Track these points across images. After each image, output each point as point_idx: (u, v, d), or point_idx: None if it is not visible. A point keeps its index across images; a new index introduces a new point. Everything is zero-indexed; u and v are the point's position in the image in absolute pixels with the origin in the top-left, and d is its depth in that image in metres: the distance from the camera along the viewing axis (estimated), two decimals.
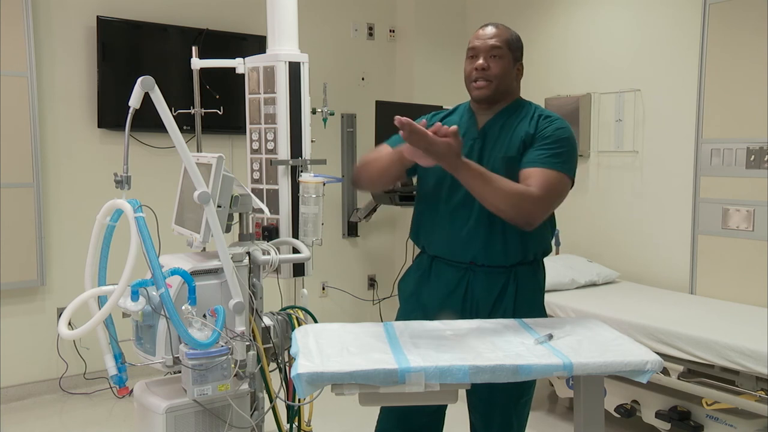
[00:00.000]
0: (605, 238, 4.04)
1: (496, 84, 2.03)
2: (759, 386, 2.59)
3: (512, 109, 2.09)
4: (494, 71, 2.03)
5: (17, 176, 3.62)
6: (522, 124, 2.05)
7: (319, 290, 4.78)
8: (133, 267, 2.01)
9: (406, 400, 1.65)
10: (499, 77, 2.03)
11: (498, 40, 2.03)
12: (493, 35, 2.04)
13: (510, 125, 2.06)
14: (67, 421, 3.52)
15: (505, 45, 2.04)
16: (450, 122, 2.15)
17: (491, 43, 2.03)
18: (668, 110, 3.73)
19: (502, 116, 2.08)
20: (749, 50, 3.33)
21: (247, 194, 2.40)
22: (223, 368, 2.13)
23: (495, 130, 2.07)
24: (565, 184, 1.97)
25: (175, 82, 3.90)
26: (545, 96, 4.25)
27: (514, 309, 2.05)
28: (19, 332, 3.73)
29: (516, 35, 2.09)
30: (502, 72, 2.03)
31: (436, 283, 2.11)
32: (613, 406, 3.14)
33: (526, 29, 4.52)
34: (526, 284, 2.08)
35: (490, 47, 2.03)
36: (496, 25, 2.09)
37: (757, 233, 3.31)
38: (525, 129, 2.03)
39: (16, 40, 3.57)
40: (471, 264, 2.06)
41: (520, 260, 2.06)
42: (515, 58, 2.07)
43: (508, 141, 2.03)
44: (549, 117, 2.05)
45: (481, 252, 2.03)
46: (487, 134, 2.07)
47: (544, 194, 1.90)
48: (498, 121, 2.08)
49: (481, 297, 2.05)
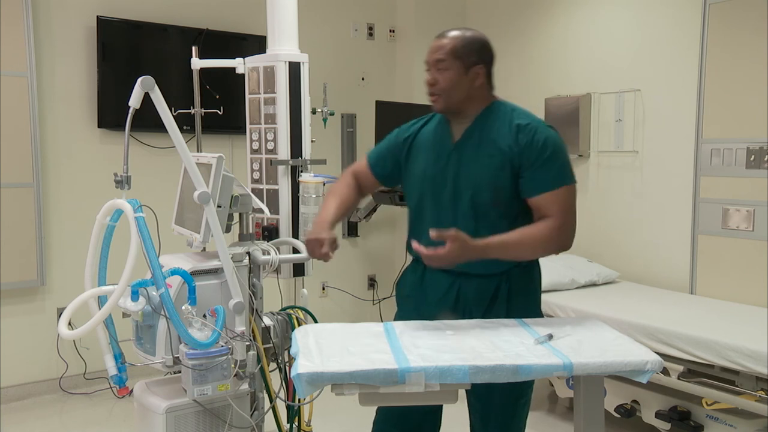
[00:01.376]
0: (605, 238, 4.04)
1: (446, 97, 2.02)
2: (759, 386, 2.59)
3: (486, 116, 2.04)
4: (441, 85, 2.01)
5: (17, 176, 3.62)
6: (501, 136, 1.99)
7: (319, 290, 4.78)
8: (133, 267, 2.01)
9: (406, 400, 1.65)
10: (447, 90, 2.01)
11: (441, 53, 2.00)
12: (437, 48, 2.02)
13: (487, 136, 2.01)
14: (67, 421, 3.52)
15: (450, 56, 1.99)
16: (425, 133, 2.15)
17: (435, 57, 2.02)
18: (668, 110, 3.73)
19: (477, 126, 2.04)
20: (749, 50, 3.33)
21: (247, 194, 2.40)
22: (223, 368, 2.13)
23: (472, 142, 2.03)
24: (574, 192, 2.00)
25: (175, 82, 3.90)
26: (545, 96, 4.25)
27: (507, 312, 2.04)
28: (19, 332, 3.73)
29: (470, 38, 2.01)
30: (450, 84, 2.00)
31: (428, 290, 2.10)
32: (613, 406, 3.14)
33: (526, 29, 4.52)
34: (519, 286, 2.06)
35: (435, 61, 2.02)
36: (445, 34, 2.03)
37: (757, 233, 3.31)
38: (506, 142, 1.98)
39: (16, 40, 3.57)
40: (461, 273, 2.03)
41: (514, 264, 2.04)
42: (467, 64, 2.00)
43: (488, 154, 1.99)
44: (527, 126, 1.98)
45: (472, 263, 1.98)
46: (464, 147, 2.04)
47: (564, 218, 1.96)
48: (474, 132, 2.04)
49: (473, 303, 2.04)
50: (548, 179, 1.95)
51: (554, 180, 1.96)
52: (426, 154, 2.10)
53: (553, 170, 1.96)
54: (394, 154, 2.19)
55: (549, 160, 1.95)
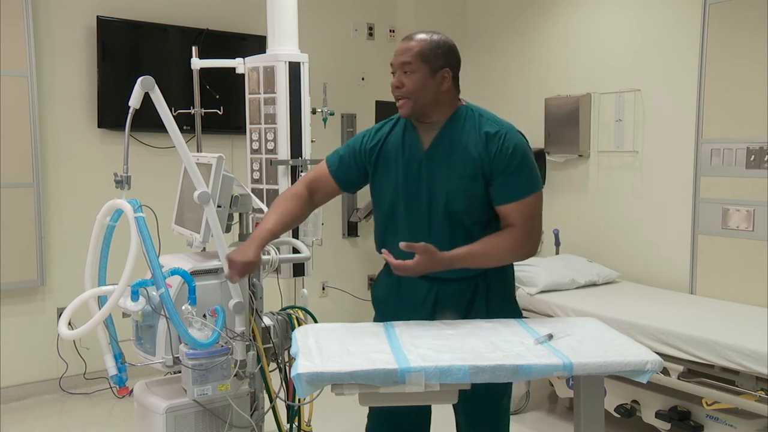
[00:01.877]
0: (605, 238, 4.04)
1: (413, 101, 1.97)
2: (759, 386, 2.59)
3: (453, 122, 2.01)
4: (408, 87, 1.97)
5: (17, 176, 3.62)
6: (471, 144, 1.97)
7: (319, 290, 4.78)
8: (133, 267, 2.01)
9: (406, 400, 1.65)
10: (414, 93, 1.96)
11: (408, 55, 1.96)
12: (404, 51, 1.97)
13: (457, 144, 1.99)
14: (67, 421, 3.52)
15: (417, 58, 1.95)
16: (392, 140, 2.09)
17: (401, 59, 1.97)
18: (668, 110, 3.73)
19: (446, 134, 2.01)
20: (749, 50, 3.33)
21: (247, 194, 2.40)
22: (223, 368, 2.13)
23: (442, 150, 2.00)
24: (540, 199, 2.02)
25: (175, 82, 3.90)
26: (545, 96, 4.25)
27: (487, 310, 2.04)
28: (19, 332, 3.73)
29: (437, 42, 1.97)
30: (416, 87, 1.96)
31: (405, 295, 2.08)
32: (613, 406, 3.13)
33: (526, 29, 4.52)
34: (497, 288, 2.07)
35: (401, 64, 1.98)
36: (411, 37, 2.00)
37: (757, 233, 3.31)
38: (477, 150, 1.96)
39: (16, 40, 3.57)
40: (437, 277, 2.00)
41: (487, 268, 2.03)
42: (434, 68, 1.96)
43: (460, 163, 1.97)
44: (496, 134, 1.96)
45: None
46: (435, 156, 2.01)
47: (529, 226, 1.98)
48: (443, 139, 2.01)
49: (451, 307, 2.03)
50: (516, 188, 1.96)
51: (521, 189, 1.97)
52: (396, 163, 2.06)
53: (521, 179, 1.96)
54: (358, 162, 2.13)
55: (517, 169, 1.95)
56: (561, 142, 4.15)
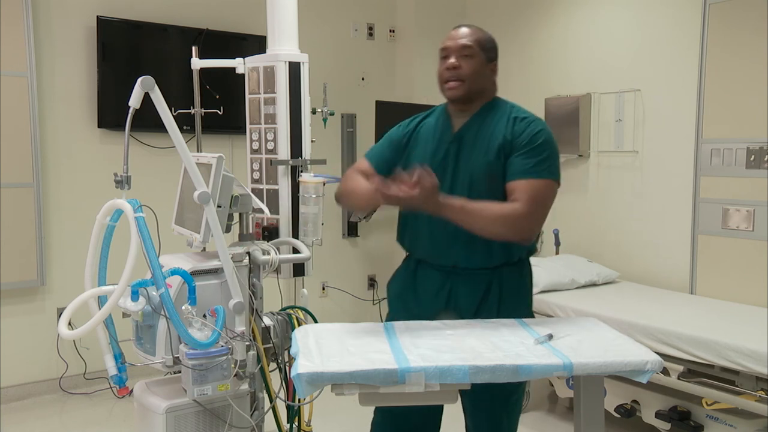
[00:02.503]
0: (605, 238, 4.05)
1: (468, 83, 2.03)
2: (759, 386, 2.59)
3: (487, 110, 2.08)
4: (465, 71, 2.02)
5: (17, 176, 3.62)
6: (498, 126, 2.03)
7: (319, 290, 4.78)
8: (133, 267, 2.01)
9: (406, 400, 1.65)
10: (471, 76, 2.02)
11: (469, 40, 2.03)
12: (464, 35, 2.04)
13: (486, 127, 2.04)
14: (67, 421, 3.52)
15: (477, 44, 2.03)
16: (427, 125, 2.16)
17: (462, 42, 2.03)
18: (668, 110, 3.73)
19: (478, 118, 2.07)
20: (749, 50, 3.33)
21: (247, 194, 2.40)
22: (223, 368, 2.13)
23: (471, 133, 2.05)
24: (552, 188, 1.98)
25: (175, 82, 3.89)
26: (545, 96, 4.25)
27: (499, 310, 2.04)
28: (19, 332, 3.73)
29: (489, 36, 2.08)
30: (473, 71, 2.02)
31: (420, 286, 2.11)
32: (613, 406, 3.14)
33: (526, 29, 4.52)
34: (511, 286, 2.06)
35: (461, 47, 2.03)
36: (469, 26, 2.09)
37: (757, 233, 3.31)
38: (501, 133, 2.01)
39: (16, 40, 3.57)
40: (454, 267, 2.04)
41: (505, 261, 2.04)
42: (488, 58, 2.06)
43: (486, 144, 2.02)
44: (525, 119, 2.03)
45: (462, 255, 2.02)
46: (463, 138, 2.06)
47: (531, 207, 1.92)
48: (474, 124, 2.06)
49: (465, 300, 2.04)
50: (529, 167, 1.95)
51: (534, 169, 1.95)
52: (425, 146, 2.12)
53: (536, 160, 1.95)
54: (396, 151, 2.17)
55: (536, 150, 1.96)
56: (561, 142, 4.10)
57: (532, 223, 1.95)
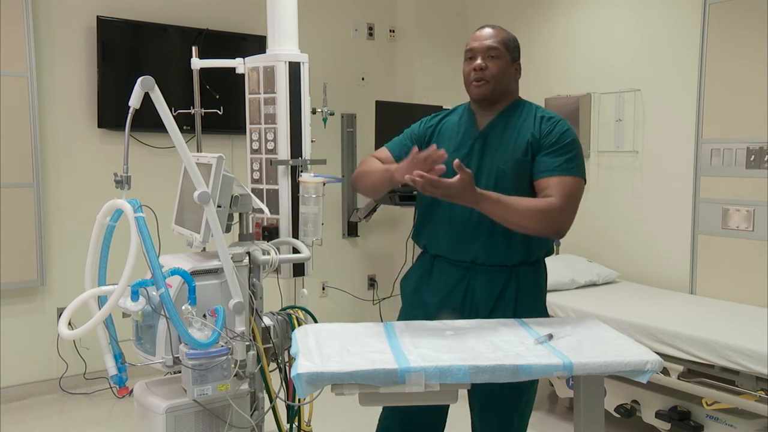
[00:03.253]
0: (605, 238, 4.04)
1: (494, 83, 2.06)
2: (759, 386, 2.59)
3: (513, 109, 2.11)
4: (492, 71, 2.05)
5: (17, 176, 3.62)
6: (525, 125, 2.06)
7: (319, 290, 4.78)
8: (133, 267, 2.00)
9: (406, 400, 1.65)
10: (497, 77, 2.06)
11: (495, 41, 2.06)
12: (489, 36, 2.07)
13: (513, 126, 2.07)
14: (67, 421, 3.52)
15: (503, 45, 2.07)
16: (449, 122, 2.19)
17: (488, 43, 2.06)
18: (668, 110, 3.73)
19: (504, 117, 2.10)
20: (749, 50, 3.33)
21: (247, 194, 2.40)
22: (223, 368, 2.13)
23: (497, 131, 2.08)
24: (581, 186, 2.03)
25: (175, 82, 3.90)
26: (545, 96, 4.25)
27: (515, 309, 2.05)
28: (19, 332, 3.73)
29: (513, 36, 2.12)
30: (500, 72, 2.06)
31: (437, 281, 2.12)
32: (613, 406, 3.14)
33: (526, 29, 4.52)
34: (527, 284, 2.08)
35: (487, 48, 2.06)
36: (493, 26, 2.12)
37: (757, 233, 3.31)
38: (530, 130, 2.04)
39: (16, 40, 3.57)
40: (472, 263, 2.06)
41: (523, 260, 2.06)
42: (513, 58, 2.10)
43: (513, 142, 2.05)
44: (551, 118, 2.07)
45: (482, 251, 2.04)
46: (489, 135, 2.09)
47: (567, 203, 1.96)
48: (500, 121, 2.09)
49: (482, 297, 2.05)
50: (559, 164, 1.99)
51: (565, 166, 1.99)
52: (448, 142, 2.13)
53: (566, 157, 2.00)
54: (418, 144, 2.17)
55: (565, 148, 2.00)
56: None
57: (567, 218, 1.98)
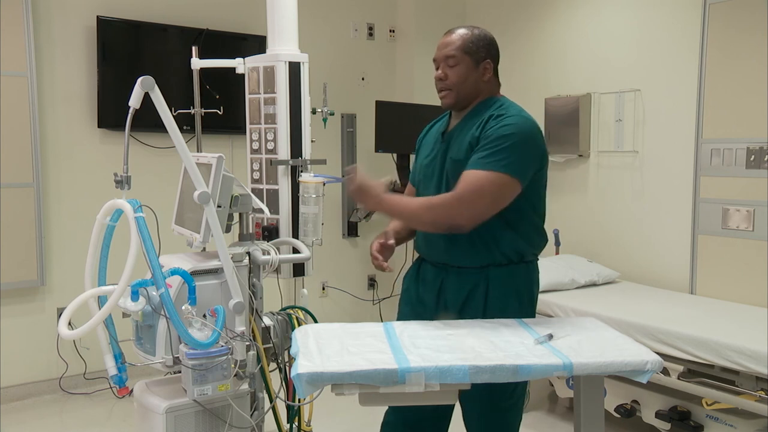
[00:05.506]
0: (605, 238, 4.04)
1: (456, 91, 2.07)
2: (759, 386, 2.59)
3: (476, 111, 2.09)
4: (452, 79, 2.06)
5: (17, 176, 3.62)
6: (474, 125, 2.04)
7: (319, 290, 4.78)
8: (133, 267, 2.01)
9: (406, 400, 1.65)
10: (458, 85, 2.06)
11: (451, 49, 2.05)
12: (448, 44, 2.07)
13: (467, 128, 2.07)
14: (67, 421, 3.52)
15: (460, 51, 2.04)
16: (433, 129, 2.26)
17: (445, 52, 2.07)
18: (668, 110, 3.73)
19: (466, 119, 2.11)
20: (749, 50, 3.33)
21: (247, 194, 2.40)
22: (223, 368, 2.13)
23: (455, 133, 2.11)
24: (498, 181, 1.91)
25: (175, 82, 3.89)
26: (545, 96, 4.25)
27: (484, 311, 2.04)
28: (19, 332, 3.73)
29: (478, 35, 2.06)
30: (460, 79, 2.06)
31: (421, 281, 2.20)
32: (613, 406, 3.13)
33: (526, 29, 4.52)
34: (498, 287, 2.04)
35: (444, 57, 2.07)
36: (453, 31, 2.09)
37: (757, 233, 3.31)
38: (476, 131, 2.02)
39: (16, 40, 3.57)
40: (444, 265, 2.11)
41: (489, 262, 2.04)
42: (477, 59, 2.06)
43: (464, 145, 2.04)
44: (500, 116, 2.00)
45: (445, 253, 2.09)
46: (451, 138, 2.11)
47: (466, 196, 1.92)
48: (462, 124, 2.11)
49: (452, 296, 2.09)
50: (477, 159, 1.95)
51: (482, 162, 1.94)
52: (426, 147, 2.23)
53: (488, 153, 1.94)
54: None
55: (495, 144, 1.94)
56: (561, 142, 4.15)
57: (459, 210, 1.91)
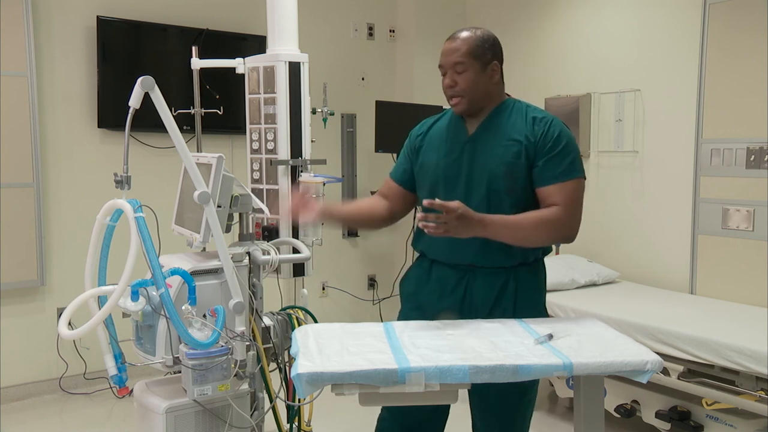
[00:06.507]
0: (605, 238, 4.04)
1: (468, 97, 2.05)
2: (759, 386, 2.59)
3: (501, 110, 2.08)
4: (462, 86, 2.03)
5: (17, 176, 3.62)
6: (517, 126, 2.03)
7: (319, 290, 4.78)
8: (133, 267, 2.01)
9: (406, 400, 1.65)
10: (469, 90, 2.04)
11: (458, 55, 2.02)
12: (453, 50, 2.03)
13: (503, 128, 2.05)
14: (67, 421, 3.52)
15: (468, 56, 2.01)
16: (438, 127, 2.19)
17: (453, 59, 2.03)
18: (668, 110, 3.73)
19: (492, 119, 2.08)
20: (749, 50, 3.33)
21: (247, 194, 2.40)
22: (223, 368, 2.13)
23: (488, 135, 2.07)
24: (582, 186, 2.04)
25: (175, 82, 3.89)
26: (545, 96, 4.25)
27: (514, 309, 2.04)
28: (19, 332, 3.73)
29: (483, 37, 2.04)
30: (470, 85, 2.03)
31: (435, 284, 2.12)
32: (613, 406, 3.14)
33: (526, 29, 4.52)
34: (527, 284, 2.07)
35: (453, 64, 2.03)
36: (456, 36, 2.06)
37: (757, 233, 3.31)
38: (523, 132, 2.02)
39: (16, 40, 3.57)
40: (470, 266, 2.06)
41: (521, 261, 2.06)
42: (484, 62, 2.03)
43: (503, 145, 2.02)
44: (543, 119, 2.04)
45: (480, 255, 2.03)
46: (478, 139, 2.07)
47: (570, 209, 1.99)
48: (489, 124, 2.07)
49: (480, 298, 2.05)
50: (560, 170, 1.99)
51: (565, 172, 1.99)
52: (438, 148, 2.14)
53: (565, 162, 2.00)
54: (410, 157, 2.23)
55: (562, 152, 2.00)
56: None
57: (572, 222, 2.01)
